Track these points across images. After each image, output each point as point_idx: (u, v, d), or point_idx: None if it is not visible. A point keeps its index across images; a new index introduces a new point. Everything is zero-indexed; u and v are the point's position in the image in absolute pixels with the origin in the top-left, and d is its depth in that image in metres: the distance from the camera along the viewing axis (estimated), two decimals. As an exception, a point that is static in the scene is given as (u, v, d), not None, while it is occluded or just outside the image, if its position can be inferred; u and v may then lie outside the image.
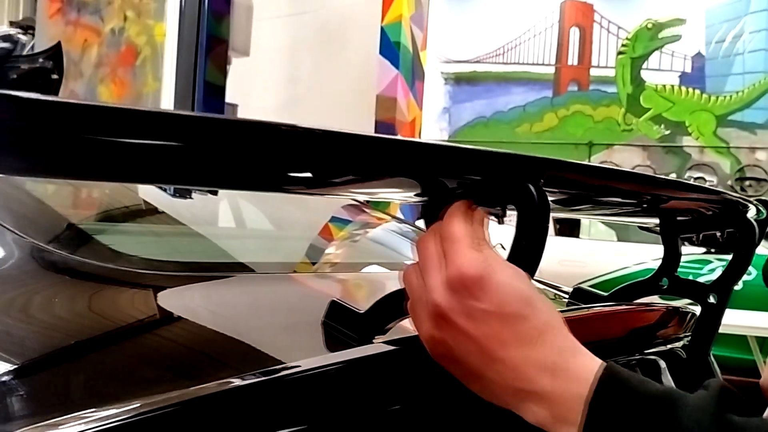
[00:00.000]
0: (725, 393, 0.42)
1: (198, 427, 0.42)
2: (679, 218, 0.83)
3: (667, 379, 0.83)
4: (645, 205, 0.72)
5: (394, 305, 0.58)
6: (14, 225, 0.69)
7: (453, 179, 0.49)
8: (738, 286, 0.83)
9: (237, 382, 0.46)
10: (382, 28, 3.80)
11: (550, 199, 0.48)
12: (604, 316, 0.74)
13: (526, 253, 0.48)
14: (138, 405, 0.41)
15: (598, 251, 4.61)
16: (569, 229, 4.94)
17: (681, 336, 0.86)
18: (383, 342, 0.56)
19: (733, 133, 7.82)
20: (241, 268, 0.89)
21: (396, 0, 3.80)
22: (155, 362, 0.53)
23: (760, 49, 7.89)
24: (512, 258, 0.49)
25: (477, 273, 0.43)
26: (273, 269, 0.91)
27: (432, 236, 0.48)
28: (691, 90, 8.10)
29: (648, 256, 4.23)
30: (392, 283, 0.62)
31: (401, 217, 1.74)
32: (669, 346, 0.85)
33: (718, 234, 0.81)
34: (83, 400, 0.46)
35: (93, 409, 0.40)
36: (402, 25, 3.79)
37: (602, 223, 5.45)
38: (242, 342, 0.60)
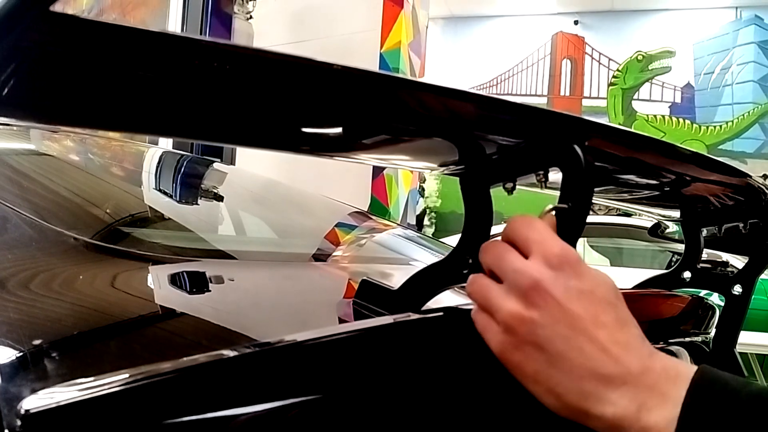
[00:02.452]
0: None
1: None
2: (700, 209, 0.83)
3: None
4: (668, 189, 0.71)
5: (428, 281, 0.57)
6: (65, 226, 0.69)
7: (493, 141, 0.49)
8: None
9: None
10: (381, 55, 3.85)
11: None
12: (630, 298, 0.74)
13: (571, 216, 0.48)
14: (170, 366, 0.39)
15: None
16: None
17: (705, 328, 0.85)
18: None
19: (724, 163, 7.92)
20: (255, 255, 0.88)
21: (395, 28, 3.86)
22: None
23: (747, 80, 8.04)
24: (557, 222, 0.48)
25: (576, 255, 0.43)
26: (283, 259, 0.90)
27: (503, 234, 0.46)
28: (681, 120, 8.22)
29: (642, 279, 4.25)
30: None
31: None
32: (693, 339, 0.84)
33: (741, 225, 0.81)
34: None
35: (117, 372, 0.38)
36: (401, 52, 3.85)
37: (596, 251, 5.48)
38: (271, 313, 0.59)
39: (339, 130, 0.43)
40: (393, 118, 0.43)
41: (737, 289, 0.80)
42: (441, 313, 0.52)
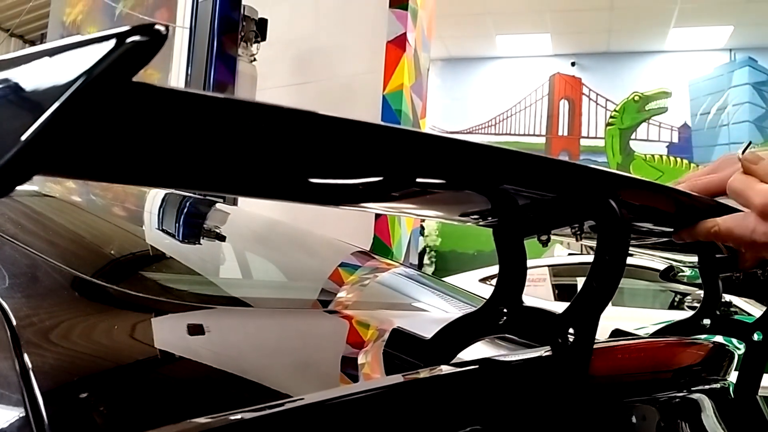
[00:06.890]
0: None
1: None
2: (717, 255, 0.84)
3: (713, 420, 0.82)
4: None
5: (461, 332, 0.58)
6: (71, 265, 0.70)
7: (528, 196, 0.50)
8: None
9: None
10: (383, 97, 3.91)
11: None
12: (648, 347, 0.74)
13: (609, 269, 0.48)
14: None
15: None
16: (568, 295, 4.97)
17: (725, 374, 0.85)
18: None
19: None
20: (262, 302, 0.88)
21: (397, 70, 3.93)
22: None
23: (743, 120, 8.15)
24: (593, 274, 0.49)
25: None
26: (288, 304, 0.91)
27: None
28: (679, 160, 8.30)
29: (645, 319, 4.29)
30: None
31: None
32: (714, 385, 0.84)
33: (759, 272, 0.82)
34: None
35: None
36: (403, 94, 3.90)
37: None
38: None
39: (385, 186, 0.44)
40: (431, 174, 0.44)
41: (757, 335, 0.80)
42: (476, 366, 0.52)
